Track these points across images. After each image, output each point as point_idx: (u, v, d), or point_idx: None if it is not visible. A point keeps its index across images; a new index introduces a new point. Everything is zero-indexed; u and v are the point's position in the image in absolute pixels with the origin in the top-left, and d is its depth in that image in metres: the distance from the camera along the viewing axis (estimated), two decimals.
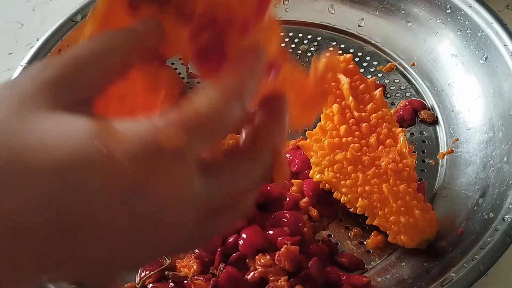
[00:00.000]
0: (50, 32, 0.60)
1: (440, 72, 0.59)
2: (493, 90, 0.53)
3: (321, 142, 0.47)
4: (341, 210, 0.50)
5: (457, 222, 0.47)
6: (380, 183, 0.44)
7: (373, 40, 0.64)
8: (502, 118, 0.51)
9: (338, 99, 0.48)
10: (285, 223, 0.47)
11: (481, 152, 0.51)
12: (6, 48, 0.72)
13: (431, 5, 0.60)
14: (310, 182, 0.49)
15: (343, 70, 0.50)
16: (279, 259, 0.44)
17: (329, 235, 0.49)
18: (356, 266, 0.46)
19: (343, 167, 0.46)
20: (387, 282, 0.45)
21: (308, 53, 0.64)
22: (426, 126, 0.57)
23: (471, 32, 0.56)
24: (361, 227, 0.49)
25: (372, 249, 0.48)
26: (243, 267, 0.45)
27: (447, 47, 0.59)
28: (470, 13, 0.57)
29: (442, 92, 0.58)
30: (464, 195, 0.49)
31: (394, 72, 0.62)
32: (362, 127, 0.47)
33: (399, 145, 0.47)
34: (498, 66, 0.53)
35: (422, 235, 0.44)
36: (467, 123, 0.54)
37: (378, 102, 0.49)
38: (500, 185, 0.46)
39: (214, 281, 0.44)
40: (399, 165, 0.45)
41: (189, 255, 0.46)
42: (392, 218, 0.44)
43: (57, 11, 0.74)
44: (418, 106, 0.57)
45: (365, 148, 0.46)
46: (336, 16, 0.66)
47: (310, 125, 0.32)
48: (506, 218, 0.42)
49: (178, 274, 0.46)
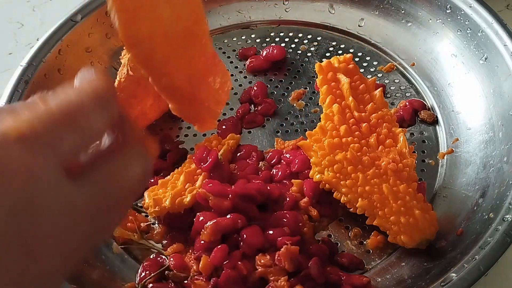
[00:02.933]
0: (50, 32, 0.60)
1: (440, 72, 0.59)
2: (493, 90, 0.53)
3: (321, 142, 0.47)
4: (341, 210, 0.50)
5: (457, 222, 0.47)
6: (380, 183, 0.44)
7: (373, 40, 0.64)
8: (502, 118, 0.51)
9: (338, 99, 0.49)
10: (285, 223, 0.47)
11: (481, 152, 0.51)
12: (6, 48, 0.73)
13: (431, 5, 0.61)
14: (310, 182, 0.49)
15: (343, 70, 0.50)
16: (279, 259, 0.44)
17: (329, 235, 0.49)
18: (356, 266, 0.46)
19: (343, 167, 0.46)
20: (387, 282, 0.45)
21: (308, 53, 0.64)
22: (426, 126, 0.57)
23: (471, 32, 0.57)
24: (361, 227, 0.49)
25: (372, 249, 0.48)
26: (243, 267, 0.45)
27: (447, 47, 0.59)
28: (470, 13, 0.57)
29: (442, 92, 0.58)
30: (464, 195, 0.49)
31: (394, 72, 0.62)
32: (362, 127, 0.47)
33: (399, 145, 0.47)
34: (498, 66, 0.53)
35: (422, 235, 0.44)
36: (467, 123, 0.54)
37: (378, 102, 0.49)
38: (500, 185, 0.46)
39: (214, 281, 0.44)
40: (399, 165, 0.45)
41: (189, 255, 0.47)
42: (392, 218, 0.44)
43: (57, 11, 0.74)
44: (418, 106, 0.57)
45: (365, 148, 0.46)
46: (336, 16, 0.66)
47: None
48: (506, 218, 0.42)
49: (178, 274, 0.46)
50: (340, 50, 0.64)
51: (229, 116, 0.59)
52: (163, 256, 0.48)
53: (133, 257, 0.49)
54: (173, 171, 0.52)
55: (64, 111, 0.22)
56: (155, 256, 0.48)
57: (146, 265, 0.47)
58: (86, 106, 0.23)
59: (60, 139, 0.22)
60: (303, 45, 0.65)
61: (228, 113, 0.60)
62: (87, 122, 0.23)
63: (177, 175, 0.51)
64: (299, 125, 0.58)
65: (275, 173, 0.52)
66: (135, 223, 0.50)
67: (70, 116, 0.22)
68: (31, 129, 0.21)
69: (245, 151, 0.55)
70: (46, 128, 0.21)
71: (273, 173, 0.52)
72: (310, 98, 0.60)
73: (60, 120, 0.22)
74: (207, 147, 0.52)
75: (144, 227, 0.50)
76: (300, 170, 0.51)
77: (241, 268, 0.44)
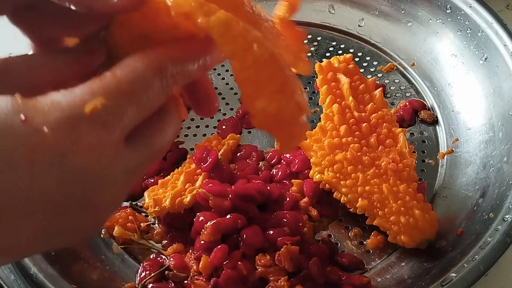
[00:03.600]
0: None
1: (440, 72, 0.59)
2: (493, 90, 0.53)
3: (321, 142, 0.47)
4: (341, 210, 0.50)
5: (457, 222, 0.47)
6: (380, 183, 0.44)
7: (373, 40, 0.64)
8: (502, 118, 0.51)
9: (338, 99, 0.48)
10: (285, 223, 0.47)
11: (481, 152, 0.51)
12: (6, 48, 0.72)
13: (431, 5, 0.61)
14: (310, 182, 0.49)
15: (343, 70, 0.50)
16: (279, 259, 0.44)
17: (329, 235, 0.49)
18: (356, 266, 0.46)
19: (343, 167, 0.46)
20: (387, 282, 0.45)
21: (308, 53, 0.64)
22: (426, 126, 0.57)
23: (471, 32, 0.57)
24: (361, 227, 0.49)
25: (372, 249, 0.48)
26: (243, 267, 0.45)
27: (447, 47, 0.59)
28: (470, 13, 0.57)
29: (442, 92, 0.58)
30: (464, 195, 0.49)
31: (394, 72, 0.62)
32: (362, 127, 0.47)
33: (399, 145, 0.47)
34: (498, 66, 0.53)
35: (422, 235, 0.44)
36: (467, 123, 0.54)
37: (378, 102, 0.49)
38: (500, 185, 0.46)
39: (214, 281, 0.44)
40: (399, 165, 0.45)
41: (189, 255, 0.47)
42: (392, 218, 0.44)
43: None
44: (418, 106, 0.57)
45: (365, 148, 0.46)
46: (336, 16, 0.66)
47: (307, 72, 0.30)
48: (506, 218, 0.42)
49: (178, 274, 0.46)
50: (340, 50, 0.64)
51: (229, 116, 0.59)
52: (163, 256, 0.48)
53: (133, 257, 0.49)
54: (173, 171, 0.52)
55: (130, 84, 0.24)
56: (155, 256, 0.48)
57: (146, 265, 0.47)
58: (149, 79, 0.24)
59: (125, 112, 0.23)
60: None
61: (228, 113, 0.60)
62: (149, 95, 0.24)
63: (177, 175, 0.51)
64: None
65: (275, 173, 0.52)
66: (135, 223, 0.49)
67: (135, 89, 0.24)
68: (101, 104, 0.23)
69: (245, 151, 0.55)
70: (114, 101, 0.23)
71: (273, 173, 0.52)
72: (310, 98, 0.60)
73: (126, 93, 0.23)
74: (207, 147, 0.52)
75: (144, 227, 0.50)
76: (300, 170, 0.51)
77: (241, 268, 0.44)
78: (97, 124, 0.22)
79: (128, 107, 0.23)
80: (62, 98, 0.22)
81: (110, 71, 0.24)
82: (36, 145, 0.21)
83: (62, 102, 0.22)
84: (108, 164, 0.23)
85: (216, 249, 0.44)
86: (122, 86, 0.23)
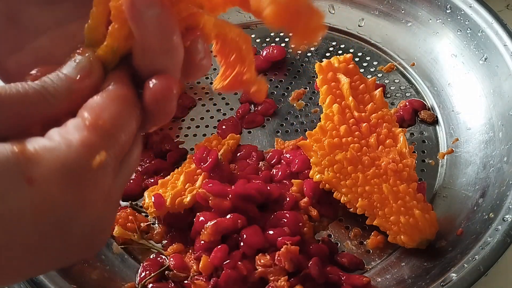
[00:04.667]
0: None
1: (440, 72, 0.59)
2: (493, 90, 0.53)
3: (321, 142, 0.47)
4: (341, 210, 0.50)
5: (457, 222, 0.47)
6: (380, 183, 0.44)
7: (373, 40, 0.64)
8: (502, 118, 0.51)
9: (338, 99, 0.48)
10: (285, 223, 0.47)
11: (481, 152, 0.51)
12: None
13: (431, 5, 0.61)
14: (310, 182, 0.49)
15: (343, 70, 0.50)
16: (279, 259, 0.44)
17: (329, 235, 0.49)
18: (356, 266, 0.46)
19: (343, 167, 0.46)
20: (387, 282, 0.45)
21: (308, 53, 0.64)
22: (426, 126, 0.57)
23: (471, 32, 0.57)
24: (361, 227, 0.49)
25: (372, 249, 0.48)
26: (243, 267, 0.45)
27: (447, 47, 0.59)
28: (470, 13, 0.57)
29: (442, 92, 0.58)
30: (464, 195, 0.49)
31: (394, 72, 0.62)
32: (362, 127, 0.47)
33: (399, 145, 0.47)
34: (498, 66, 0.53)
35: (422, 235, 0.44)
36: (467, 123, 0.54)
37: (378, 102, 0.49)
38: (500, 185, 0.46)
39: (214, 281, 0.44)
40: (399, 165, 0.45)
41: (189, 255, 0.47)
42: (392, 218, 0.44)
43: None
44: (418, 106, 0.57)
45: (365, 148, 0.46)
46: (336, 16, 0.66)
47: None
48: (506, 218, 0.42)
49: (178, 274, 0.46)
50: (340, 50, 0.64)
51: (229, 116, 0.59)
52: (163, 256, 0.48)
53: (133, 257, 0.49)
54: (173, 171, 0.52)
55: (114, 125, 0.25)
56: (155, 256, 0.48)
57: (146, 265, 0.47)
58: (126, 116, 0.25)
59: (118, 156, 0.25)
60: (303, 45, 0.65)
61: (228, 113, 0.60)
62: (129, 128, 0.25)
63: (177, 175, 0.51)
64: (299, 125, 0.58)
65: (275, 173, 0.52)
66: (135, 223, 0.49)
67: (118, 127, 0.25)
68: (104, 156, 0.24)
69: (245, 151, 0.55)
70: (105, 140, 0.24)
71: (273, 173, 0.52)
72: (310, 98, 0.60)
73: (112, 132, 0.24)
74: (207, 147, 0.52)
75: (144, 227, 0.50)
76: (300, 170, 0.51)
77: (241, 268, 0.44)
78: (98, 172, 0.23)
79: (117, 148, 0.25)
80: (59, 148, 0.23)
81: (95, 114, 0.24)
82: (43, 204, 0.22)
83: (61, 154, 0.23)
84: (106, 205, 0.25)
85: (216, 249, 0.44)
86: (112, 131, 0.24)
